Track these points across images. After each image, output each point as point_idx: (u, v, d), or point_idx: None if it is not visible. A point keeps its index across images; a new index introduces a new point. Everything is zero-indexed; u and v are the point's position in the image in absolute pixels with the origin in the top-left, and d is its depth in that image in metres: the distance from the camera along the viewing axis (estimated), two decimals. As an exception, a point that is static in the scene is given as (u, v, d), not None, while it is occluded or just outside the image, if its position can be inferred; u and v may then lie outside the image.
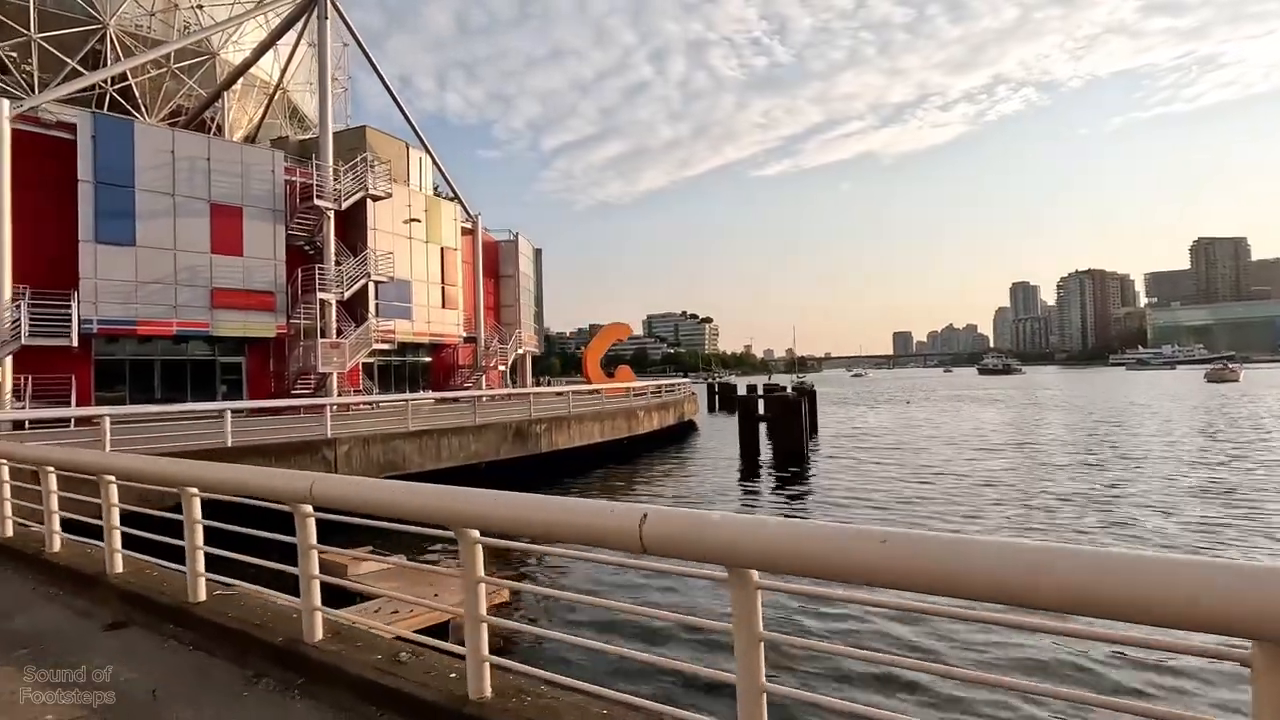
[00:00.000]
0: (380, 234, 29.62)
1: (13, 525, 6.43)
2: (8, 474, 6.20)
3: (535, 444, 21.01)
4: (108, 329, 22.03)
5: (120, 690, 3.37)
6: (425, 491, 2.99)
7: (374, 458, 16.73)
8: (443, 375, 35.24)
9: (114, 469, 4.86)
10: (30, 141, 21.18)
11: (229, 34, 37.83)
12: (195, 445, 14.18)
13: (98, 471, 4.91)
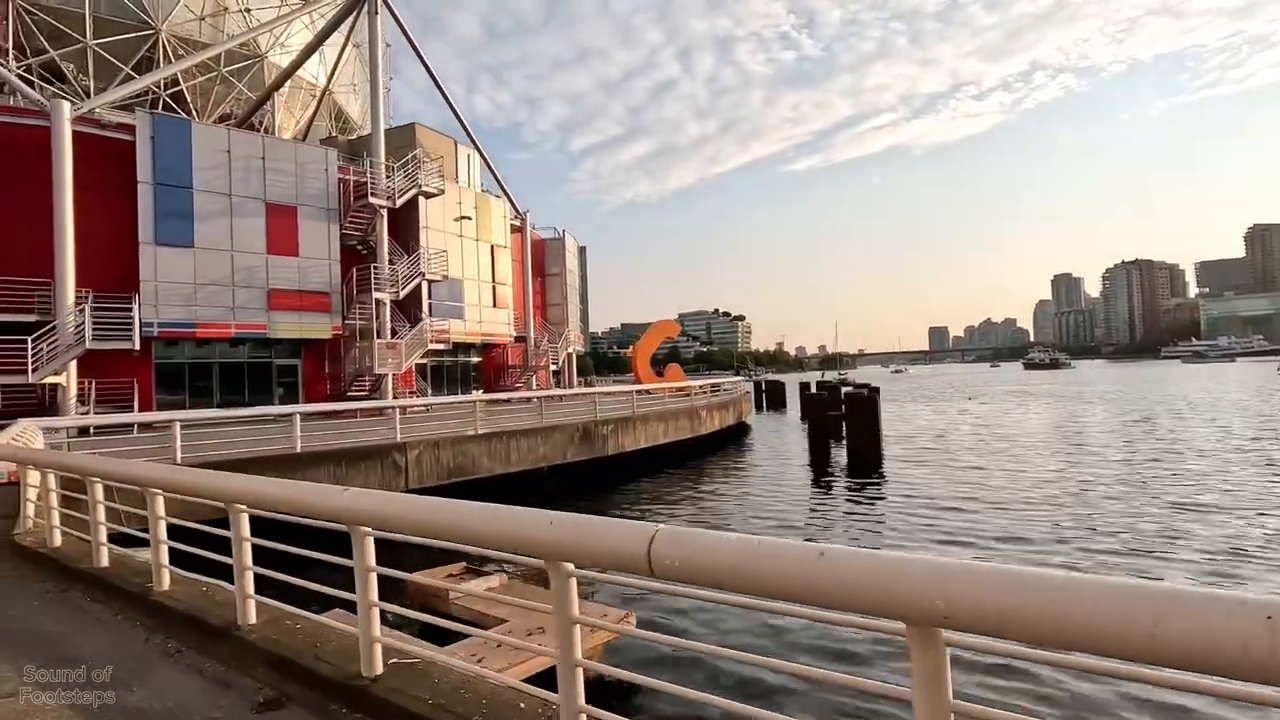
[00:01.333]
0: (432, 232, 29.09)
1: (61, 535, 5.70)
2: (55, 482, 5.49)
3: (602, 446, 20.14)
4: (168, 332, 21.78)
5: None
6: (510, 517, 2.39)
7: (444, 462, 16.02)
8: (493, 375, 34.67)
9: (160, 482, 4.12)
10: (90, 144, 21.01)
11: (276, 37, 37.86)
12: (264, 451, 13.59)
13: (144, 484, 4.17)
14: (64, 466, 4.78)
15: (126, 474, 4.15)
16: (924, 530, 13.70)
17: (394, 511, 2.81)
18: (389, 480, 14.94)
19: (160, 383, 22.72)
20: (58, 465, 4.84)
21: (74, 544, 5.52)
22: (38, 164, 20.18)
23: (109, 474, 4.35)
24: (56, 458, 4.85)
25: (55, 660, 3.59)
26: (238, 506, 3.46)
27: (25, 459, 5.26)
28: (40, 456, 5.15)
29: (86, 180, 20.54)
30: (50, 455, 5.03)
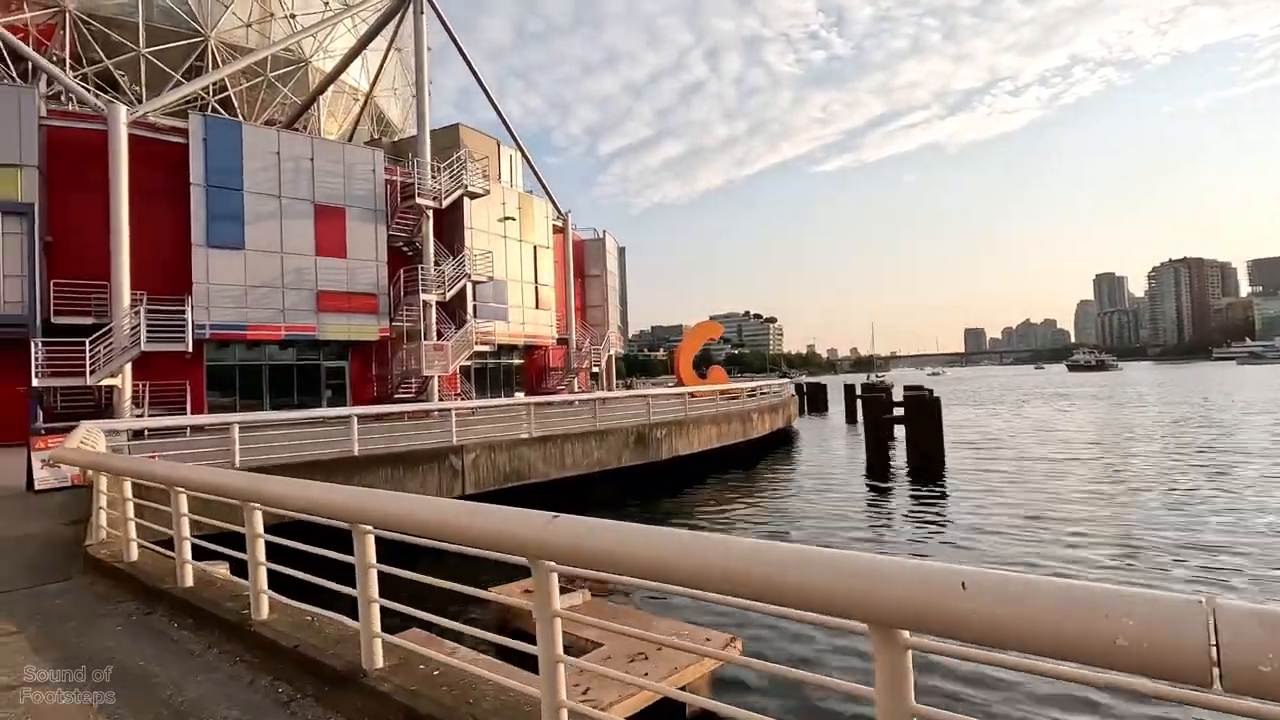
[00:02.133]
0: (476, 233, 28.82)
1: (137, 548, 5.24)
2: (130, 491, 5.03)
3: (656, 450, 19.51)
4: (220, 334, 21.78)
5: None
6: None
7: (500, 466, 15.55)
8: (535, 377, 34.31)
9: (266, 497, 3.60)
10: (144, 147, 21.11)
11: (320, 42, 38.16)
12: (322, 455, 13.24)
13: (244, 498, 3.69)
14: (146, 475, 4.29)
15: (221, 485, 3.62)
16: (1002, 542, 12.76)
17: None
18: (446, 484, 14.51)
19: (211, 385, 22.76)
20: (138, 473, 4.36)
21: (152, 559, 5.05)
22: (94, 168, 20.33)
23: (199, 484, 3.83)
24: (137, 465, 4.37)
25: (152, 703, 3.05)
26: (363, 527, 2.88)
27: (102, 465, 4.80)
28: (118, 463, 4.68)
29: (140, 183, 20.63)
30: (130, 462, 4.56)
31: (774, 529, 14.84)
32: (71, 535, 7.26)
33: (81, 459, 5.21)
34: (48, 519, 8.46)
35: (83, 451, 5.24)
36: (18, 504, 9.59)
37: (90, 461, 4.90)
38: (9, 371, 19.27)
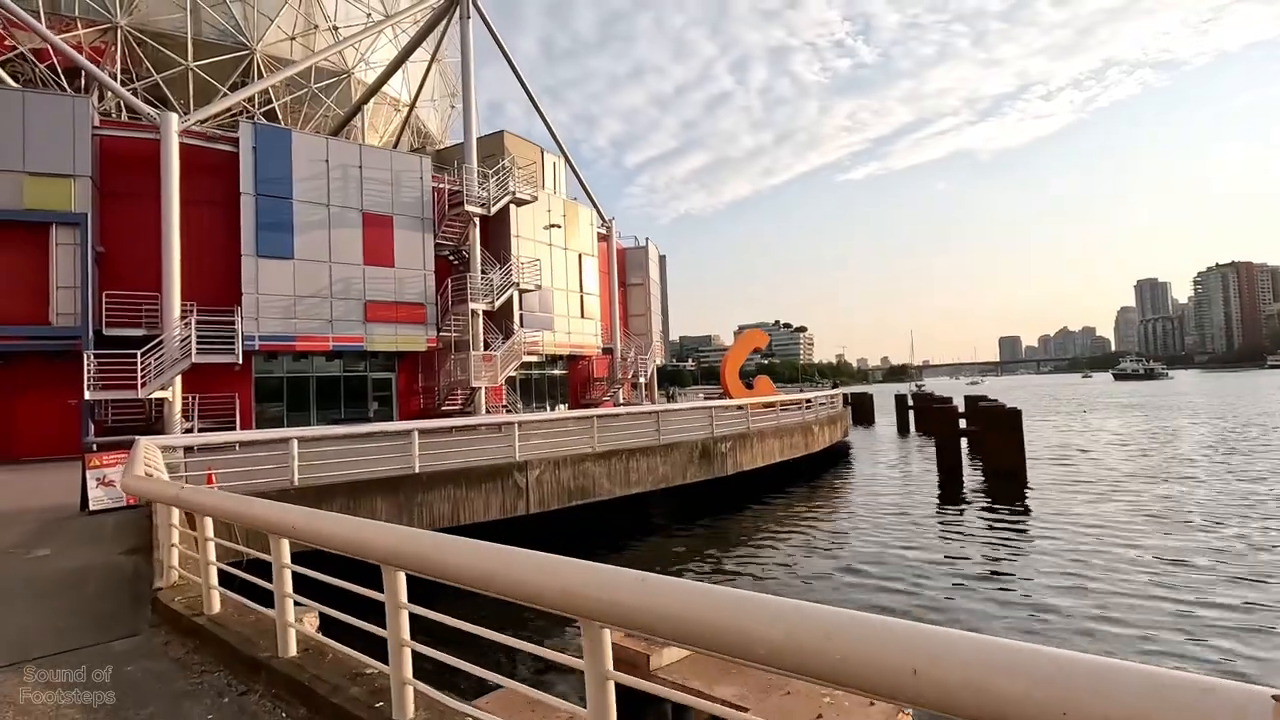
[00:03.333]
0: (523, 240, 28.15)
1: (220, 599, 4.36)
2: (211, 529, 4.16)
3: (721, 465, 18.43)
4: (269, 345, 21.33)
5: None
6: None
7: (564, 483, 14.63)
8: (579, 388, 33.48)
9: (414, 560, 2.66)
10: (194, 156, 20.83)
11: (361, 53, 38.16)
12: (382, 471, 12.45)
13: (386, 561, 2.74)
14: (243, 518, 3.39)
15: (354, 541, 2.69)
16: (1124, 577, 11.38)
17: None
18: (509, 502, 13.63)
19: (258, 398, 22.31)
20: (232, 515, 3.46)
21: (237, 611, 4.15)
22: (145, 177, 20.08)
23: (319, 536, 2.91)
24: (231, 505, 3.46)
25: None
26: (591, 615, 1.93)
27: (184, 503, 3.91)
28: (205, 500, 3.79)
29: (189, 193, 20.32)
30: (220, 500, 3.67)
31: (856, 564, 13.50)
32: (131, 568, 6.48)
33: (155, 492, 4.34)
34: (104, 546, 7.73)
35: (158, 483, 4.37)
36: (72, 527, 8.91)
37: (168, 497, 4.02)
38: (61, 384, 18.98)
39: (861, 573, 12.25)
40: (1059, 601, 10.12)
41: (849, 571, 12.41)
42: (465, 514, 13.00)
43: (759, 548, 14.69)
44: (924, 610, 10.12)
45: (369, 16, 38.13)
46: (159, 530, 6.28)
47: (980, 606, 10.22)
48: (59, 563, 6.88)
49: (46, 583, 6.04)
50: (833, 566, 12.86)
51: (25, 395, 19.19)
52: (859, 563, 12.98)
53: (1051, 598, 10.31)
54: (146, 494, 4.32)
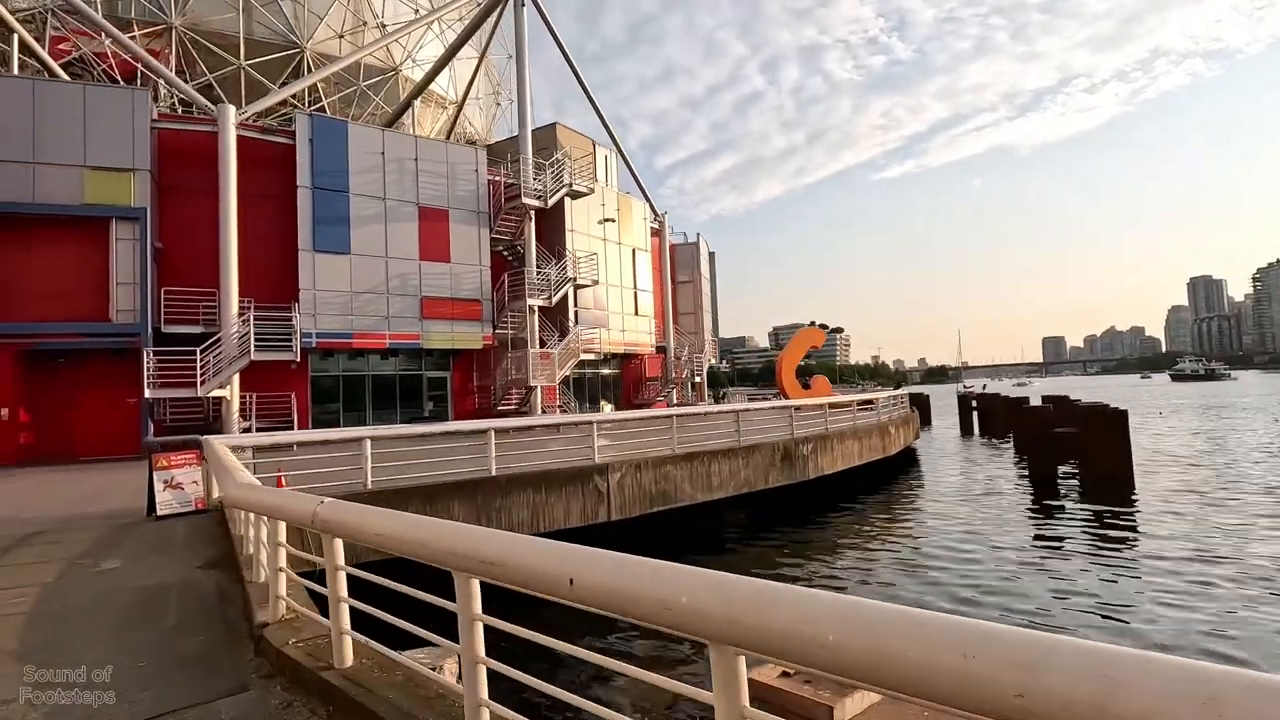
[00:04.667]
0: (577, 235, 27.24)
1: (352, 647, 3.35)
2: (342, 555, 3.13)
3: (802, 468, 17.18)
4: (326, 342, 20.74)
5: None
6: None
7: (646, 487, 13.55)
8: (631, 388, 32.44)
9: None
10: (251, 150, 20.35)
11: (408, 50, 37.85)
12: (456, 475, 11.52)
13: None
14: (408, 543, 2.33)
15: (623, 593, 1.62)
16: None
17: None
18: (590, 508, 12.61)
19: (314, 397, 21.74)
20: (407, 544, 2.38)
21: (383, 669, 3.12)
22: (201, 172, 19.67)
23: (518, 572, 1.84)
24: (410, 532, 2.37)
25: None
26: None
27: (332, 524, 2.82)
28: (348, 519, 2.74)
29: (246, 187, 19.84)
30: (367, 517, 2.60)
31: (968, 588, 12.09)
32: (214, 589, 5.56)
33: (279, 507, 3.27)
34: (178, 558, 6.87)
35: (284, 496, 3.32)
36: (140, 535, 8.11)
37: (302, 515, 2.95)
38: (120, 382, 18.60)
39: (978, 602, 10.74)
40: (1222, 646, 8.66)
41: (965, 602, 10.90)
42: (545, 520, 12.02)
43: (851, 562, 13.38)
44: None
45: (416, 13, 37.81)
46: (252, 546, 5.37)
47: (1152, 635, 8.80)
48: (132, 578, 6.02)
49: (121, 606, 5.15)
50: (942, 592, 11.40)
51: (85, 394, 18.87)
52: (971, 587, 11.53)
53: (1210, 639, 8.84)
54: (262, 508, 3.31)
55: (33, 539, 7.92)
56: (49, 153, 17.70)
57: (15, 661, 3.93)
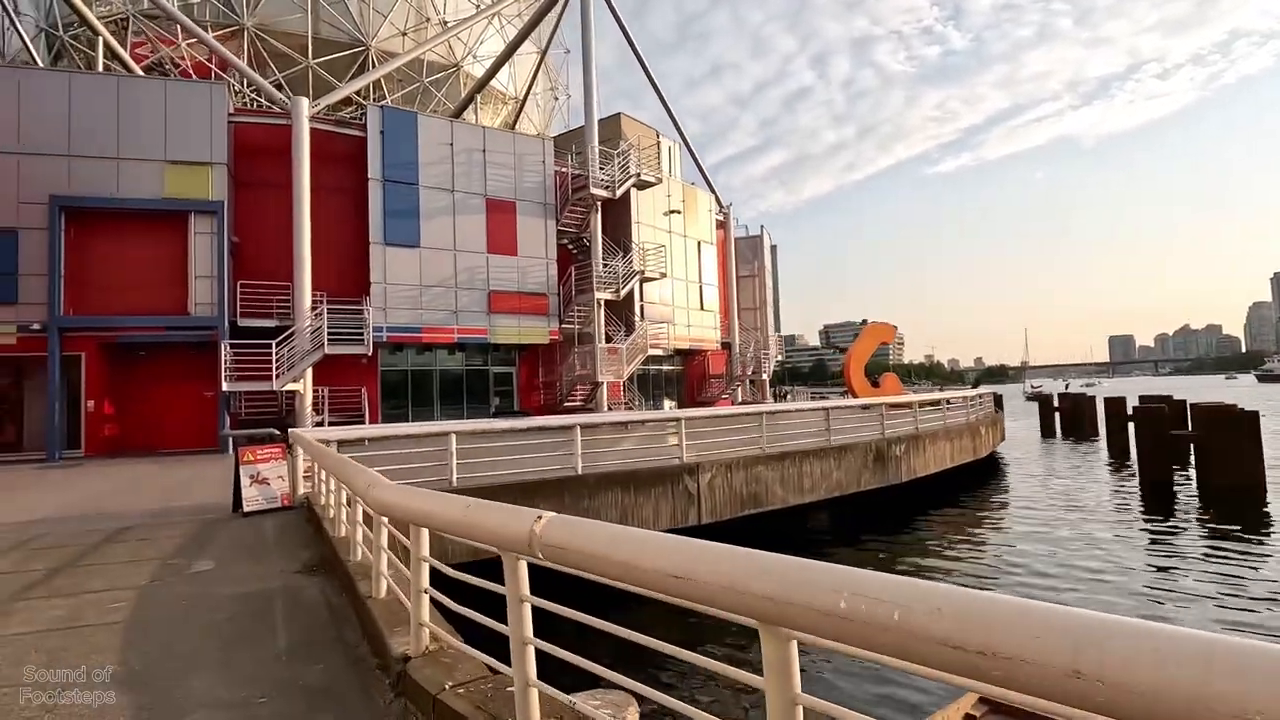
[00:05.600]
0: (643, 227, 26.50)
1: (539, 699, 2.58)
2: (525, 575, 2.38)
3: (895, 470, 16.05)
4: (397, 336, 20.54)
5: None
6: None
7: (736, 488, 12.70)
8: (695, 385, 31.56)
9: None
10: (322, 143, 20.27)
11: (469, 46, 37.86)
12: (542, 473, 10.89)
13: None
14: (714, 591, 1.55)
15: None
16: None
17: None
18: (680, 510, 11.83)
19: (382, 391, 21.57)
20: (667, 581, 1.61)
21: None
22: (274, 165, 19.68)
23: None
24: (672, 559, 1.59)
25: None
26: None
27: (551, 547, 2.04)
28: (587, 543, 1.95)
29: (318, 180, 19.74)
30: (618, 544, 1.83)
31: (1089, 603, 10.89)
32: (321, 600, 4.96)
33: (478, 526, 2.41)
34: (273, 561, 6.35)
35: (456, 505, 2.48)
36: (229, 533, 7.67)
37: (512, 539, 2.14)
38: (198, 375, 18.73)
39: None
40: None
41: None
42: (634, 522, 11.27)
43: (953, 577, 12.20)
44: None
45: (477, 8, 37.77)
46: (360, 551, 4.72)
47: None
48: (228, 584, 5.49)
49: (222, 619, 4.58)
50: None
51: (164, 387, 19.07)
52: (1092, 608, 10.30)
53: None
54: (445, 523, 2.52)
55: (123, 535, 7.58)
56: (132, 148, 17.89)
57: (120, 688, 3.35)
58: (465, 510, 2.30)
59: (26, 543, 7.28)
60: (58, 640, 4.18)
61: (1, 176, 17.08)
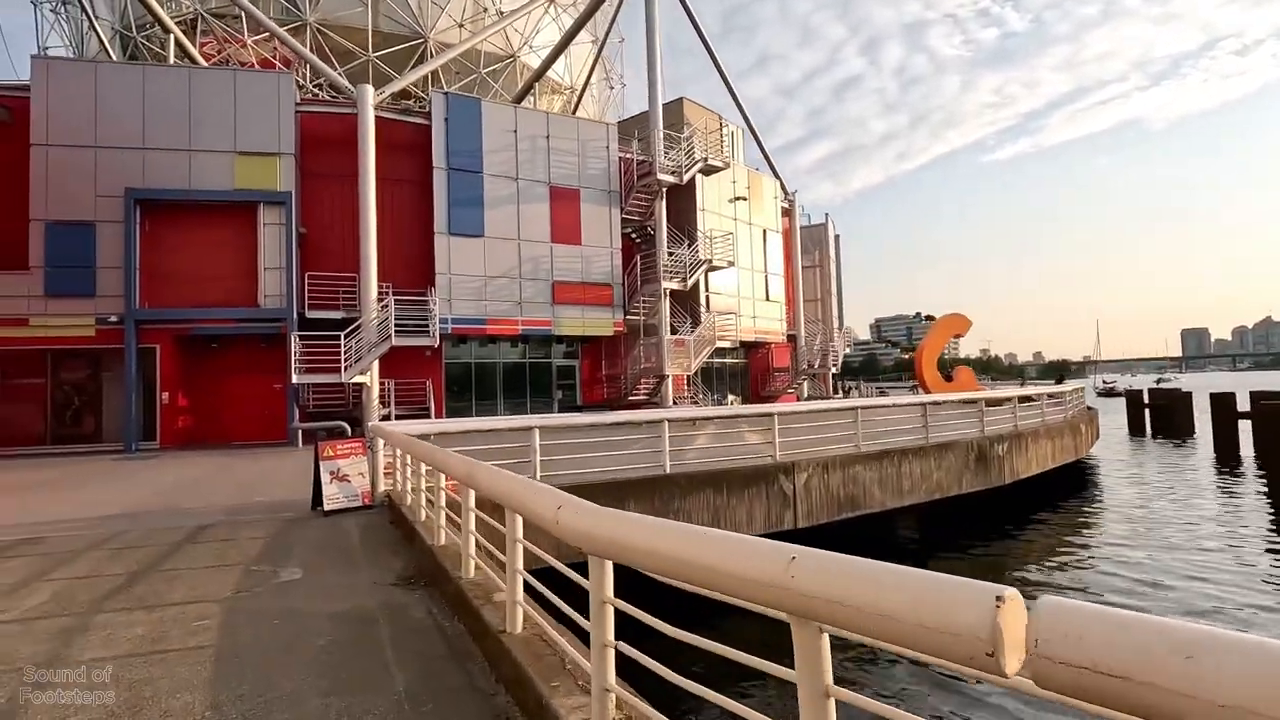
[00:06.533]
0: (708, 214, 25.52)
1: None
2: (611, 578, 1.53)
3: (998, 471, 14.76)
4: (461, 328, 20.13)
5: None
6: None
7: (834, 490, 11.71)
8: (758, 379, 30.45)
9: None
10: (388, 131, 19.95)
11: (526, 36, 37.48)
12: (627, 471, 10.13)
13: None
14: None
15: None
16: None
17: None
18: (776, 513, 10.93)
19: (446, 384, 21.21)
20: None
21: None
22: (339, 155, 19.45)
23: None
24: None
25: None
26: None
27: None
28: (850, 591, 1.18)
29: (382, 170, 19.42)
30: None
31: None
32: (429, 623, 4.26)
33: (709, 566, 1.67)
34: (365, 570, 5.71)
35: (710, 541, 1.74)
36: (312, 535, 7.11)
37: (781, 589, 1.40)
38: (267, 367, 18.66)
39: None
40: None
41: None
42: (727, 525, 10.42)
43: (1068, 594, 10.91)
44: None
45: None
46: (473, 567, 3.98)
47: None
48: (321, 598, 4.85)
49: (321, 645, 3.90)
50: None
51: (234, 379, 19.09)
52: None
53: None
54: (694, 569, 1.73)
55: (203, 534, 7.10)
56: (203, 139, 17.86)
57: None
58: (724, 551, 1.52)
59: (106, 541, 6.86)
60: (140, 670, 3.57)
61: (79, 171, 17.24)
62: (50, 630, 4.24)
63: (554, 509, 2.22)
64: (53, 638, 4.11)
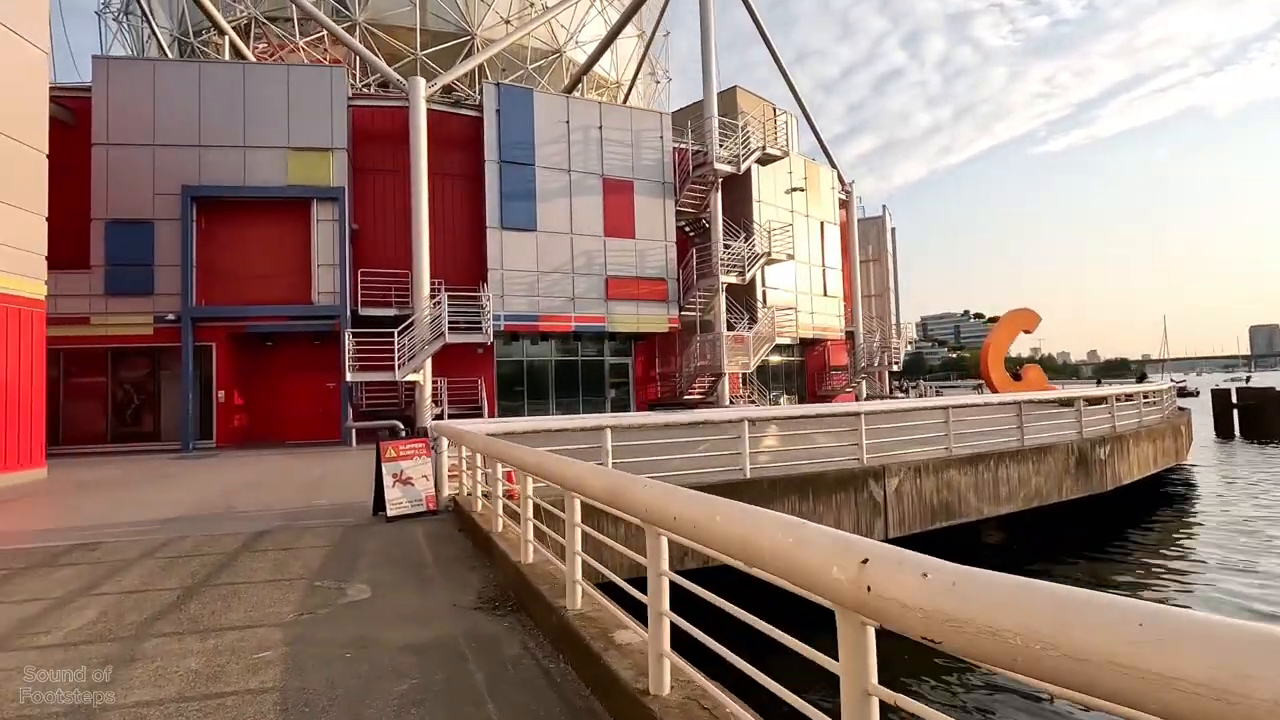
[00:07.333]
0: (764, 206, 24.51)
1: None
2: None
3: (1099, 477, 13.47)
4: (514, 325, 19.60)
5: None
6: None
7: (926, 496, 10.70)
8: (814, 377, 29.26)
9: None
10: (439, 125, 19.55)
11: (571, 32, 37.03)
12: (704, 474, 9.31)
13: None
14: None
15: None
16: None
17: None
18: (866, 521, 9.98)
19: (498, 382, 20.71)
20: None
21: None
22: (390, 150, 19.14)
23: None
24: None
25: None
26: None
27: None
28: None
29: (433, 164, 18.99)
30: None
31: None
32: (529, 661, 3.52)
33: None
34: (440, 588, 5.03)
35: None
36: (378, 544, 6.48)
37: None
38: (321, 365, 18.41)
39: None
40: None
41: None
42: (813, 537, 9.51)
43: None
44: None
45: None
46: (579, 599, 3.21)
47: None
48: (396, 625, 4.16)
49: (404, 694, 3.19)
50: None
51: (288, 377, 18.91)
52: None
53: None
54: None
55: (261, 542, 6.54)
56: (257, 135, 17.70)
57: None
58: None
59: (161, 548, 6.36)
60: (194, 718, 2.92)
61: (138, 169, 17.23)
62: (94, 659, 3.65)
63: (854, 564, 1.41)
64: (95, 669, 3.51)
